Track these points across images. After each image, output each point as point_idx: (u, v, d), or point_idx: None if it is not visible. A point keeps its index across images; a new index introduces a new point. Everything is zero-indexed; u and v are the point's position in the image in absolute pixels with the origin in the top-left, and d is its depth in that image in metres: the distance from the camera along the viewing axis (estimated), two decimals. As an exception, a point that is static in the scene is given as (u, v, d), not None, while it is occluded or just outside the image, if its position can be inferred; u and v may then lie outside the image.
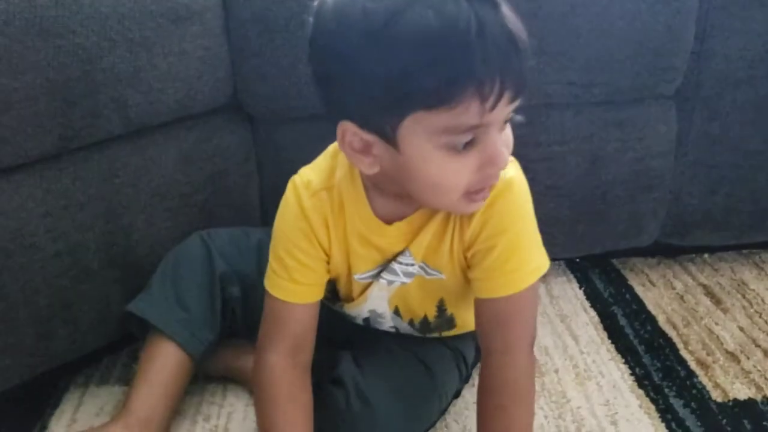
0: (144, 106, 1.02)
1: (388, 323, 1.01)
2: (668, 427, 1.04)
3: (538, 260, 0.85)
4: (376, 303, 0.97)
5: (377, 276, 0.92)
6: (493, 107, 0.68)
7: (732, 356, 1.18)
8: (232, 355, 1.11)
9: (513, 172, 0.84)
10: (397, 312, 0.98)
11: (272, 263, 0.90)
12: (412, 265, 0.90)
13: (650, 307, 1.33)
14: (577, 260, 1.47)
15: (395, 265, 0.90)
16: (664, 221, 1.36)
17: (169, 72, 1.04)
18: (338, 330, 1.08)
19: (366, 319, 1.02)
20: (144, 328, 1.05)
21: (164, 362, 1.01)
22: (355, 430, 0.92)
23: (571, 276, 1.44)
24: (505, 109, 0.71)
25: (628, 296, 1.36)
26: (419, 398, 0.98)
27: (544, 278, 1.38)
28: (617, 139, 1.25)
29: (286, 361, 0.89)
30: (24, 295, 0.98)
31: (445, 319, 0.99)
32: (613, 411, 1.08)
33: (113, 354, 1.20)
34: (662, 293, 1.37)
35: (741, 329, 1.25)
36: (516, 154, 0.90)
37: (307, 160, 0.92)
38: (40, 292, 0.99)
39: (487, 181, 0.77)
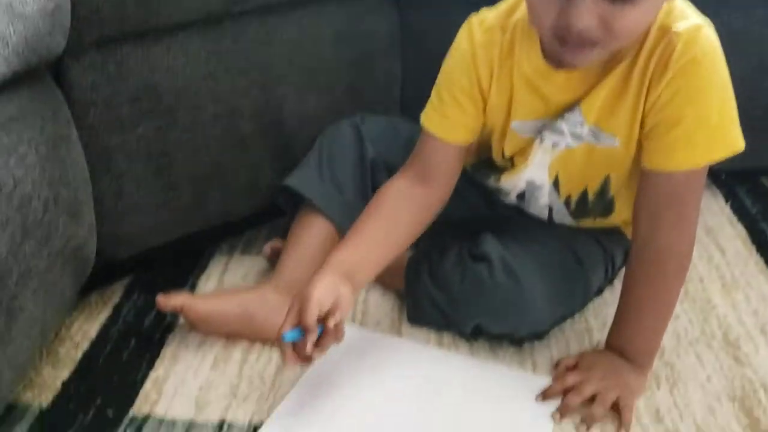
0: (304, -25, 1.02)
1: (543, 199, 0.98)
2: (823, 341, 1.00)
3: (732, 136, 0.81)
4: (536, 171, 0.94)
5: (539, 132, 0.90)
6: None
7: None
8: None
9: (702, 48, 0.78)
10: (556, 184, 0.95)
11: (431, 98, 0.92)
12: (582, 125, 0.87)
13: (801, 225, 1.26)
14: (723, 176, 1.40)
15: (562, 125, 0.87)
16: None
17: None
18: (485, 219, 1.07)
19: (521, 195, 0.99)
20: (292, 202, 1.07)
21: (315, 235, 1.02)
22: (501, 302, 0.92)
23: (717, 191, 1.37)
24: None
25: (778, 214, 1.30)
26: (565, 282, 0.96)
27: (686, 191, 1.35)
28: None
29: (405, 183, 0.92)
30: (184, 154, 1.01)
31: (604, 201, 0.95)
32: (763, 321, 1.04)
33: (254, 229, 1.23)
34: (815, 213, 1.29)
35: None
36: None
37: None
38: (199, 151, 1.02)
39: (561, 35, 0.74)
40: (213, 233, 1.17)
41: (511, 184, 0.98)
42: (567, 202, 0.98)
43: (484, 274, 0.92)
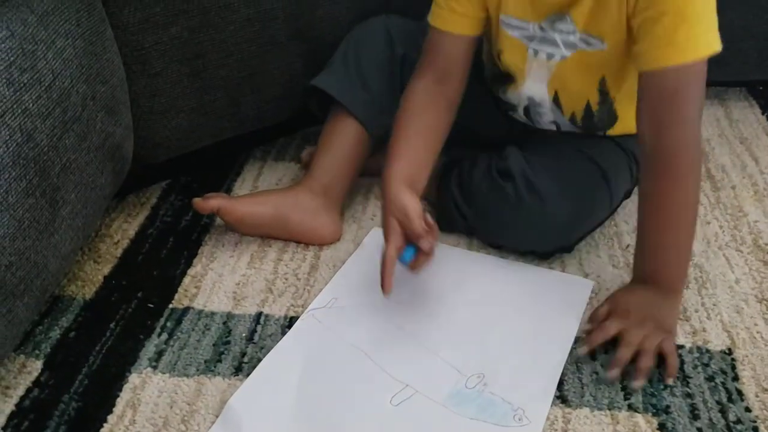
0: None
1: (547, 116, 0.99)
2: None
3: (710, 37, 0.81)
4: (534, 87, 0.95)
5: (530, 40, 0.91)
6: None
7: None
8: None
9: None
10: (556, 101, 0.96)
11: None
12: (573, 33, 0.88)
13: (840, 137, 1.24)
14: (761, 88, 1.38)
15: (554, 35, 0.89)
16: None
17: None
18: (506, 132, 1.07)
19: (526, 110, 1.00)
20: (323, 106, 1.07)
21: (345, 137, 1.03)
22: (525, 220, 0.93)
23: (754, 102, 1.35)
24: None
25: (817, 119, 1.28)
26: (588, 192, 0.96)
27: (723, 103, 1.34)
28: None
29: (428, 85, 0.94)
30: (218, 56, 1.01)
31: (607, 107, 0.95)
32: (795, 228, 1.04)
33: (288, 136, 1.25)
34: None
35: None
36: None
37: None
38: (232, 55, 1.02)
39: None
40: (247, 140, 1.18)
41: (516, 98, 0.99)
42: (572, 119, 0.98)
43: (509, 191, 0.93)
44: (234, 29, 1.01)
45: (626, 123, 0.98)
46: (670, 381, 0.80)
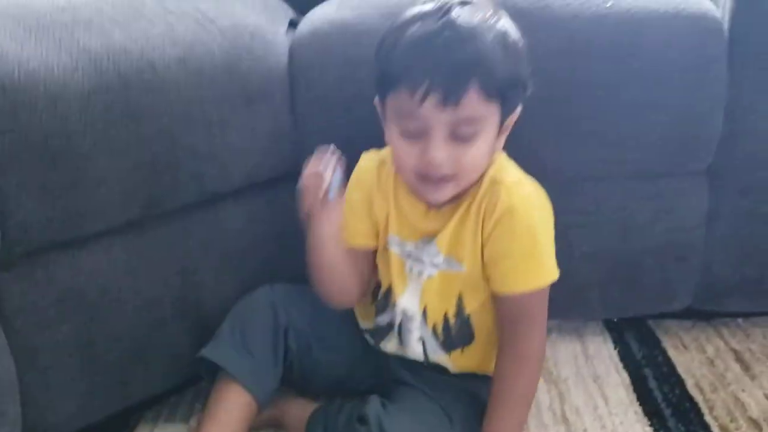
0: (218, 178, 1.15)
1: (416, 332, 1.11)
2: (688, 489, 1.10)
3: (549, 267, 1.02)
4: (409, 300, 1.10)
5: (408, 257, 1.08)
6: (421, 101, 0.91)
7: (755, 423, 1.23)
8: (279, 404, 1.23)
9: (519, 198, 1.00)
10: (424, 315, 1.09)
11: None
12: (438, 255, 1.05)
13: (680, 370, 1.38)
14: (615, 320, 1.53)
15: (423, 256, 1.06)
16: (696, 289, 1.41)
17: (241, 148, 1.17)
18: (376, 380, 1.19)
19: (400, 327, 1.11)
20: (212, 371, 1.16)
21: (232, 404, 1.12)
22: None
23: (608, 336, 1.49)
24: (440, 114, 0.91)
25: (660, 358, 1.42)
26: None
27: (580, 337, 1.48)
28: (649, 210, 1.33)
29: None
30: (108, 342, 1.11)
31: (463, 322, 1.09)
32: (636, 471, 1.15)
33: (179, 394, 1.32)
34: (693, 357, 1.41)
35: (766, 396, 1.30)
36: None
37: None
38: (122, 340, 1.12)
39: (424, 173, 0.97)
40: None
41: (391, 316, 1.12)
42: (434, 331, 1.10)
43: None
44: (123, 318, 1.11)
45: (481, 346, 1.11)
46: None
